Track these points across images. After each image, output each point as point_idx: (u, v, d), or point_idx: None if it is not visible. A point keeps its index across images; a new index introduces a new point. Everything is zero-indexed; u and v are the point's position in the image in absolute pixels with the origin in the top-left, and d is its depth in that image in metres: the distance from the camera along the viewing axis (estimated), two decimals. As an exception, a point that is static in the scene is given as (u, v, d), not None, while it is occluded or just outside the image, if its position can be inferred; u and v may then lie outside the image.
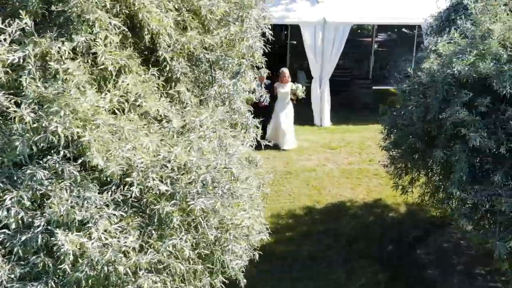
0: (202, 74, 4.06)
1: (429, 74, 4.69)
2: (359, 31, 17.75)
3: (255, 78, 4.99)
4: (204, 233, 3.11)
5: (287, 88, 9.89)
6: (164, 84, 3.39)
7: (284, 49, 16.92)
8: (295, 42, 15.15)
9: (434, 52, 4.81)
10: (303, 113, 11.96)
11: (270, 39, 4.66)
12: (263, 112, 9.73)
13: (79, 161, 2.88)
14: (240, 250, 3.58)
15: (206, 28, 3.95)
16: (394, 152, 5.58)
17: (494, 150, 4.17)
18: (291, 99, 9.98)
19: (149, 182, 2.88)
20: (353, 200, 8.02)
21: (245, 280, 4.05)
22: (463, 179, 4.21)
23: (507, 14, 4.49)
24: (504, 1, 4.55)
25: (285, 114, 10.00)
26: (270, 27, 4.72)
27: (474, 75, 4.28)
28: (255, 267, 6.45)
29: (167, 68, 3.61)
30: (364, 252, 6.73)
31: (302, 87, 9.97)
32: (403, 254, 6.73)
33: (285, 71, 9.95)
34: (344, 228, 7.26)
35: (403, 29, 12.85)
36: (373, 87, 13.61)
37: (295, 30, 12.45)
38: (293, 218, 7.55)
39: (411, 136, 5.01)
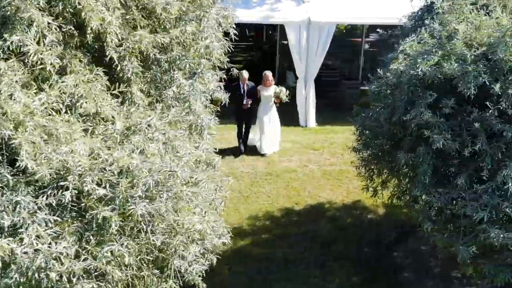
0: (160, 74, 3.97)
1: (395, 75, 4.61)
2: (344, 31, 17.70)
3: (223, 79, 4.92)
4: (149, 238, 3.02)
5: (270, 91, 9.56)
6: (108, 84, 3.29)
7: (274, 48, 16.88)
8: (286, 42, 15.10)
9: (403, 52, 4.72)
10: (288, 114, 11.85)
11: (233, 39, 4.59)
12: (246, 114, 9.54)
13: (17, 164, 2.80)
14: (190, 256, 3.49)
15: (162, 27, 3.87)
16: (365, 154, 5.49)
17: (459, 152, 4.09)
18: (275, 102, 9.67)
19: (86, 186, 2.79)
20: (332, 202, 7.93)
21: (204, 285, 3.98)
22: (426, 182, 4.12)
23: (476, 13, 4.40)
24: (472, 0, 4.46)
25: (269, 118, 9.72)
26: (234, 26, 4.64)
27: (439, 76, 4.20)
28: (230, 269, 6.44)
29: (118, 68, 3.54)
30: (341, 254, 6.64)
31: (286, 90, 9.57)
32: (380, 256, 6.64)
33: (268, 74, 9.59)
34: (321, 230, 7.18)
35: (377, 30, 12.75)
36: (362, 88, 13.51)
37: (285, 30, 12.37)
38: (271, 219, 7.46)
39: (380, 138, 4.93)
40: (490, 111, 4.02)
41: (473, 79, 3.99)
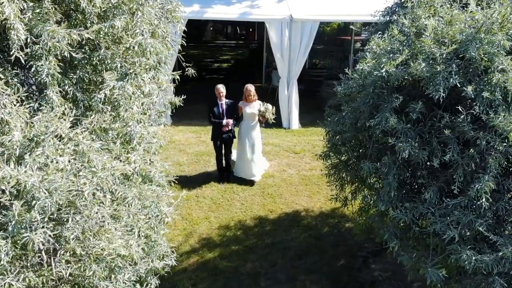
0: (88, 75, 3.53)
1: (361, 76, 4.16)
2: (327, 28, 17.25)
3: (176, 80, 4.51)
4: (50, 270, 2.57)
5: (253, 108, 8.03)
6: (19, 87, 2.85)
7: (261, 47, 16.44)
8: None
9: (370, 51, 4.27)
10: (271, 115, 11.42)
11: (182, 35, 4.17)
12: (225, 137, 8.04)
13: None
14: (118, 284, 3.04)
15: (89, 22, 3.41)
16: (335, 161, 5.04)
17: (428, 162, 3.65)
18: (259, 120, 8.12)
19: (-31, 209, 2.34)
20: (308, 210, 7.48)
21: (144, 310, 3.57)
22: (391, 195, 3.68)
23: (448, 7, 3.95)
24: (444, -8, 4.01)
25: (252, 139, 8.19)
26: (183, 21, 4.21)
27: (406, 77, 3.75)
28: (194, 285, 5.98)
29: (33, 69, 3.09)
30: (314, 267, 6.21)
31: (272, 107, 8.03)
32: (355, 269, 6.20)
33: (250, 88, 8.05)
34: (295, 240, 6.73)
35: (351, 26, 12.30)
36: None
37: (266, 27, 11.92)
38: (243, 229, 7.01)
39: (347, 144, 4.48)
40: (462, 116, 3.57)
41: (442, 81, 3.54)
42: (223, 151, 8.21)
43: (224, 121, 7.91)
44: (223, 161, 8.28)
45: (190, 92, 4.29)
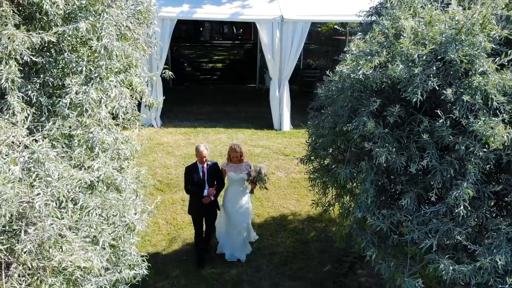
0: (53, 79, 3.41)
1: (340, 79, 4.04)
2: (320, 28, 17.11)
3: (148, 84, 4.39)
4: (3, 284, 2.45)
5: (241, 172, 6.13)
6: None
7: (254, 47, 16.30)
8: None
9: (350, 52, 4.15)
10: (262, 116, 11.32)
11: (152, 35, 4.04)
12: (207, 209, 6.09)
13: None
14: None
15: (53, 24, 3.30)
16: (317, 165, 4.91)
17: (406, 168, 3.52)
18: (251, 181, 6.10)
19: None
20: (296, 213, 7.35)
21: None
22: (368, 201, 3.55)
23: (429, 7, 3.82)
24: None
25: (240, 209, 6.23)
26: (156, 22, 4.09)
27: (385, 79, 3.63)
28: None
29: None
30: (299, 273, 6.08)
31: (266, 169, 6.23)
32: (341, 275, 6.07)
33: (236, 148, 6.09)
34: (281, 245, 6.61)
35: (335, 26, 12.16)
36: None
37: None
38: (228, 234, 6.88)
39: (327, 149, 4.36)
40: (441, 120, 3.44)
41: (421, 83, 3.42)
42: (203, 227, 6.33)
43: (206, 192, 5.97)
44: (203, 240, 6.37)
45: (183, 92, 4.15)
